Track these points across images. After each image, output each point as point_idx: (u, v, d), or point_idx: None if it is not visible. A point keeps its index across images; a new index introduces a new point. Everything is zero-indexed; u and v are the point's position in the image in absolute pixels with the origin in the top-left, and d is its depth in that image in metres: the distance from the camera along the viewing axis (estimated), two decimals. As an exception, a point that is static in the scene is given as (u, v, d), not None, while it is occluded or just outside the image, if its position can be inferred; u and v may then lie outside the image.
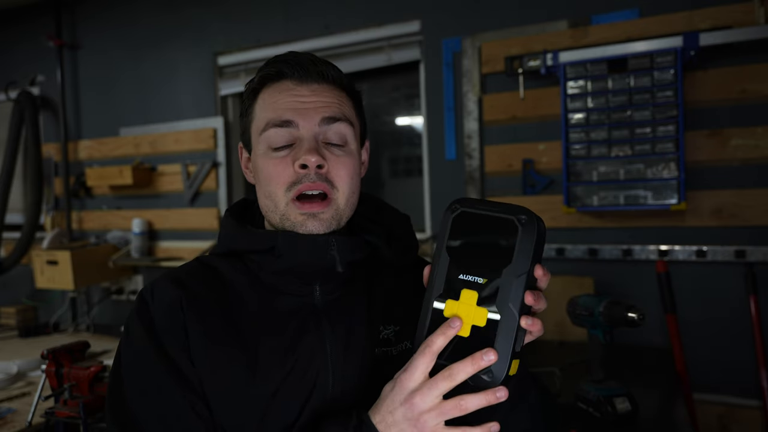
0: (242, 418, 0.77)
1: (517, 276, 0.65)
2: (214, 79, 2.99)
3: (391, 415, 0.67)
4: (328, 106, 0.83)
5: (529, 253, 0.65)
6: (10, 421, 1.69)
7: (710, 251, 2.01)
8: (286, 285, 0.84)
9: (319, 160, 0.80)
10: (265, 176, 0.83)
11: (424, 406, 0.64)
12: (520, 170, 2.27)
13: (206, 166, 2.98)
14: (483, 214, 0.68)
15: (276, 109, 0.82)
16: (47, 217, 3.44)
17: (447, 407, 0.64)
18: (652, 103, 1.97)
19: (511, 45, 2.26)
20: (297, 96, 0.83)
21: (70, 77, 3.39)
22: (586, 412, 1.42)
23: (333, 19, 2.66)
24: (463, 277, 0.67)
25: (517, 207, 0.67)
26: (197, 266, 0.88)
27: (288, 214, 0.82)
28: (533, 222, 0.66)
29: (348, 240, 0.83)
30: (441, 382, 0.64)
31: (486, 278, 0.66)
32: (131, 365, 0.80)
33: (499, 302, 0.65)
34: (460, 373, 0.63)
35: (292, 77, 0.83)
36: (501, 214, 0.67)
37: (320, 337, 0.82)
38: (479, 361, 0.63)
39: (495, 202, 0.69)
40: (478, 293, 0.66)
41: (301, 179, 0.80)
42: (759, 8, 1.89)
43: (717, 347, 2.02)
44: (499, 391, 0.64)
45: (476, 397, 0.64)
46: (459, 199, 0.71)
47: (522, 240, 0.65)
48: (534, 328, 0.66)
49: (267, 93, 0.85)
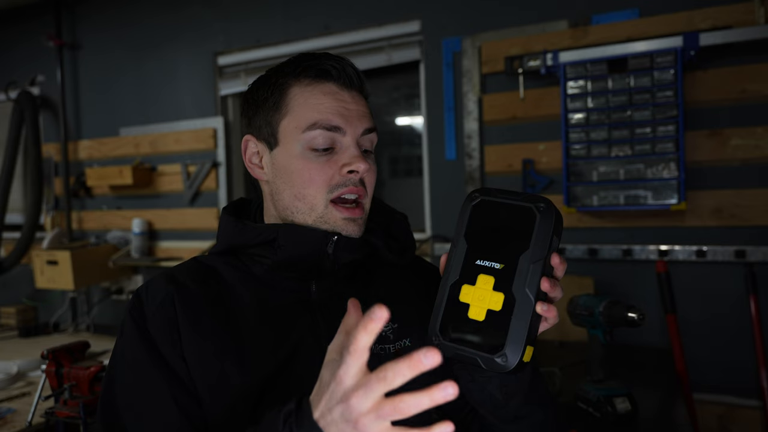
0: (233, 411, 0.78)
1: (534, 262, 0.66)
2: (214, 79, 2.99)
3: (329, 413, 0.58)
4: (366, 116, 0.85)
5: (546, 240, 0.66)
6: (10, 421, 1.69)
7: (710, 251, 2.01)
8: (282, 281, 0.84)
9: (367, 168, 0.82)
10: (304, 178, 0.82)
11: (362, 408, 0.55)
12: (520, 170, 2.27)
13: (206, 166, 2.97)
14: (502, 203, 0.70)
15: (323, 111, 0.82)
16: (47, 217, 3.44)
17: (385, 411, 0.55)
18: (652, 103, 1.97)
19: (511, 45, 2.26)
20: (342, 102, 0.83)
21: (70, 77, 3.39)
22: (586, 412, 1.42)
23: (333, 19, 2.66)
24: (480, 262, 0.68)
25: (536, 196, 0.69)
26: (193, 264, 0.89)
27: (326, 217, 0.83)
28: (551, 210, 0.67)
29: (349, 239, 0.83)
30: (375, 385, 0.55)
31: (503, 263, 0.67)
32: (122, 361, 0.81)
33: (516, 287, 0.65)
34: (396, 377, 0.54)
35: (338, 81, 0.84)
36: (520, 202, 0.69)
37: (315, 333, 0.82)
38: (418, 364, 0.54)
39: (514, 192, 0.71)
40: (494, 278, 0.67)
41: (345, 183, 0.82)
42: (759, 8, 1.89)
43: (717, 347, 2.02)
44: (447, 389, 0.54)
45: (417, 399, 0.54)
46: (479, 189, 0.73)
47: (540, 227, 0.67)
48: (550, 314, 0.66)
49: (308, 91, 0.83)
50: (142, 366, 0.78)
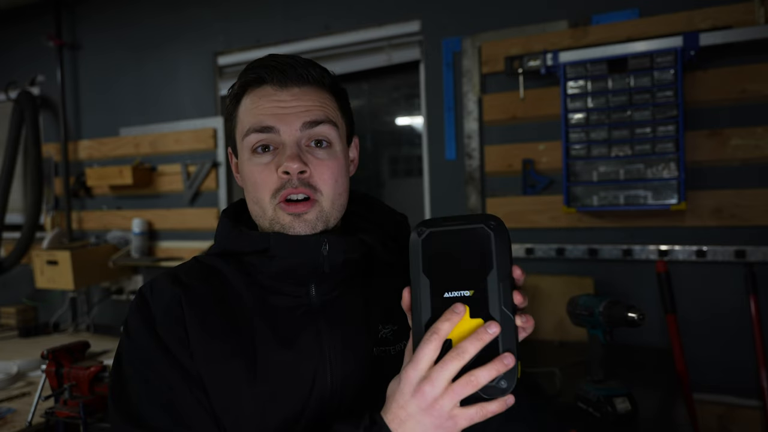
0: (241, 414, 0.78)
1: (502, 279, 0.65)
2: (214, 79, 2.99)
3: (403, 410, 0.65)
4: (309, 110, 0.83)
5: (506, 256, 0.66)
6: (10, 421, 1.69)
7: (710, 251, 2.01)
8: (281, 286, 0.84)
9: (300, 167, 0.80)
10: (252, 183, 0.84)
11: (436, 392, 0.63)
12: (520, 170, 2.27)
13: (206, 166, 2.98)
14: (452, 230, 0.68)
15: (257, 115, 0.83)
16: (47, 217, 3.44)
17: (459, 387, 0.62)
18: (652, 103, 1.97)
19: (511, 45, 2.26)
20: (277, 101, 0.83)
21: (70, 77, 3.39)
22: (586, 412, 1.42)
23: (333, 19, 2.66)
24: (448, 294, 0.67)
25: (481, 215, 0.68)
26: (195, 265, 0.89)
27: (277, 218, 0.82)
28: (502, 225, 0.67)
29: (341, 239, 0.83)
30: (450, 363, 0.62)
31: (472, 289, 0.66)
32: (134, 361, 0.80)
33: (492, 309, 0.65)
34: (468, 348, 0.62)
35: (272, 82, 0.83)
36: (470, 225, 0.67)
37: (317, 337, 0.82)
38: (483, 335, 0.63)
39: (457, 216, 0.69)
40: (468, 306, 0.65)
41: (285, 185, 0.81)
42: (759, 8, 1.89)
43: (717, 347, 2.02)
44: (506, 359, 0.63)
45: (486, 370, 0.62)
46: (421, 222, 0.71)
47: (497, 244, 0.66)
48: (528, 324, 0.67)
49: (248, 98, 0.85)
50: (158, 365, 0.78)
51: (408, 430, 0.65)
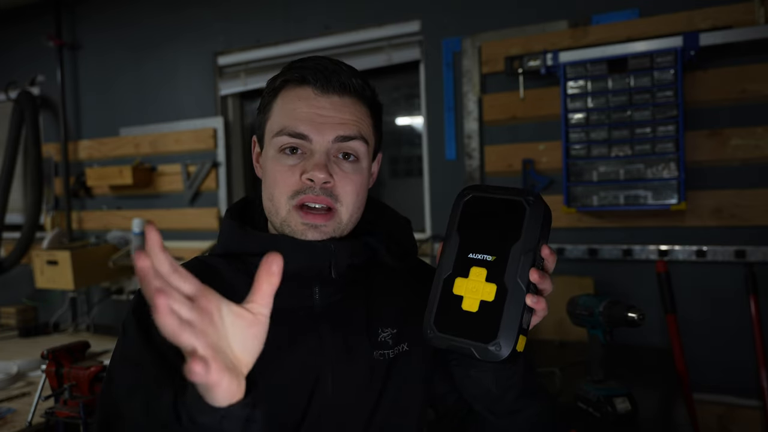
0: None
1: (525, 252, 0.67)
2: (214, 79, 2.99)
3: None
4: (344, 123, 0.82)
5: (536, 232, 0.67)
6: (10, 421, 1.69)
7: (710, 251, 2.01)
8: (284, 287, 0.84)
9: (326, 178, 0.80)
10: (272, 180, 0.83)
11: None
12: (520, 170, 2.27)
13: (206, 166, 2.97)
14: (493, 197, 0.71)
15: (293, 118, 0.82)
16: (47, 217, 3.44)
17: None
18: (652, 103, 1.97)
19: (511, 45, 2.26)
20: (316, 108, 0.82)
21: (70, 77, 3.39)
22: (586, 412, 1.42)
23: (333, 19, 2.66)
24: (472, 255, 0.69)
25: (525, 189, 0.70)
26: (196, 264, 0.88)
27: (289, 221, 0.82)
28: (540, 202, 0.69)
29: (348, 244, 0.83)
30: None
31: (494, 255, 0.68)
32: (124, 359, 0.80)
33: (508, 277, 0.67)
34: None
35: (314, 85, 0.82)
36: (510, 196, 0.70)
37: (319, 339, 0.82)
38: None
39: (504, 187, 0.72)
40: (486, 270, 0.68)
41: (305, 190, 0.81)
42: (759, 8, 1.89)
43: (717, 347, 2.02)
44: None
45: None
46: (470, 186, 0.74)
47: (530, 219, 0.68)
48: (539, 306, 0.66)
49: (287, 95, 0.84)
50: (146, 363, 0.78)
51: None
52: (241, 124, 3.10)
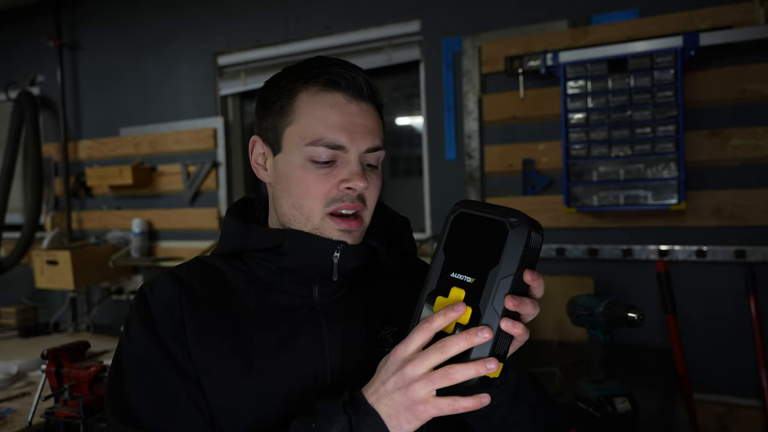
0: (238, 413, 0.78)
1: (502, 278, 0.64)
2: (214, 79, 2.99)
3: (383, 386, 0.67)
4: (373, 132, 0.83)
5: (516, 257, 0.64)
6: (10, 421, 1.69)
7: (710, 251, 2.01)
8: (284, 285, 0.84)
9: (366, 185, 0.82)
10: (302, 189, 0.82)
11: (414, 374, 0.64)
12: (520, 170, 2.27)
13: (206, 166, 2.97)
14: (478, 216, 0.68)
15: (329, 126, 0.80)
16: (47, 217, 3.44)
17: (436, 376, 0.64)
18: (652, 103, 1.97)
19: (511, 45, 2.26)
20: (348, 115, 0.81)
21: (70, 77, 3.39)
22: (586, 412, 1.42)
23: (333, 19, 2.66)
24: (454, 275, 0.68)
25: (513, 211, 0.66)
26: (196, 264, 0.89)
27: (323, 229, 0.82)
28: (524, 226, 0.65)
29: (353, 246, 0.83)
30: (432, 354, 0.64)
31: (474, 278, 0.66)
32: (132, 360, 0.80)
33: (483, 302, 0.65)
34: (452, 347, 0.63)
35: (346, 92, 0.82)
36: (494, 217, 0.67)
37: (318, 336, 0.82)
38: (473, 337, 0.63)
39: (494, 206, 0.69)
40: (465, 291, 0.66)
41: (342, 198, 0.81)
42: (759, 8, 1.89)
43: (717, 347, 2.02)
44: (489, 363, 0.63)
45: (465, 368, 0.63)
46: (461, 201, 0.71)
47: (511, 242, 0.65)
48: (514, 331, 0.64)
49: (315, 100, 0.81)
50: (155, 365, 0.78)
51: (382, 406, 0.66)
52: (241, 124, 3.10)
